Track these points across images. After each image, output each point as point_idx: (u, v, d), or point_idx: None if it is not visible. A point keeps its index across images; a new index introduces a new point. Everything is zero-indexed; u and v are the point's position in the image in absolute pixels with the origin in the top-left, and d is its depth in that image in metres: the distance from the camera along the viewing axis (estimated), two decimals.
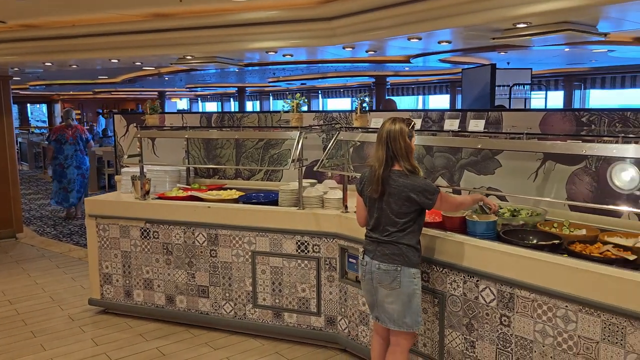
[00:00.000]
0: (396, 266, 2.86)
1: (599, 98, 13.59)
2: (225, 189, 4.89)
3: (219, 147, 5.33)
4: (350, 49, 4.38)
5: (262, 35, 4.51)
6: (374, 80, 14.05)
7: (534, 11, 2.86)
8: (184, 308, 4.45)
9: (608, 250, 2.75)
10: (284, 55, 4.97)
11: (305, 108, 4.37)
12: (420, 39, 3.93)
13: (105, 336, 4.33)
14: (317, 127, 4.48)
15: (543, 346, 2.74)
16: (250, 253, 4.15)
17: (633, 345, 2.40)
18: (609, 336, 2.48)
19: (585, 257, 2.72)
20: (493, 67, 7.89)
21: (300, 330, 4.12)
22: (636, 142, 2.91)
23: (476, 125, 3.14)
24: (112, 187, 10.61)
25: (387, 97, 13.83)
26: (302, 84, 17.10)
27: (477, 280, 3.01)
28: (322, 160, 3.97)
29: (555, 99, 13.36)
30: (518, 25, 3.20)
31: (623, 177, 3.32)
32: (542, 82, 11.66)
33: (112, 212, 4.61)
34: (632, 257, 2.63)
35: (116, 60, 5.94)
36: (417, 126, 3.36)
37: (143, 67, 9.00)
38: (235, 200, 4.51)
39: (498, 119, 3.92)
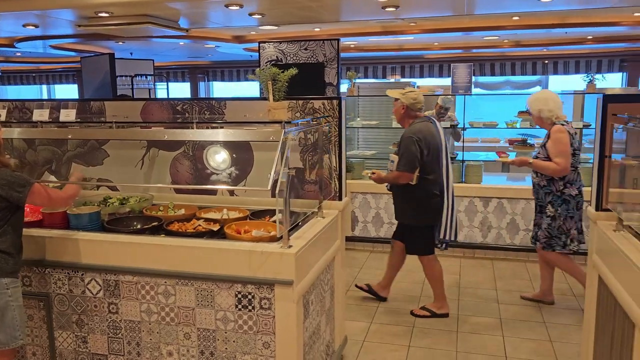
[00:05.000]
0: None
1: (222, 89, 15.02)
2: None
3: None
4: None
5: None
6: None
7: (113, 1, 2.91)
8: None
9: (200, 225, 3.07)
10: None
11: None
12: None
13: None
14: None
15: (150, 324, 2.88)
16: None
17: (220, 304, 2.75)
18: (202, 301, 2.78)
19: (180, 234, 2.98)
20: (111, 56, 7.77)
21: None
22: (222, 127, 3.32)
23: (67, 115, 3.02)
24: None
25: None
26: None
27: (83, 274, 2.94)
28: None
29: (183, 90, 14.13)
30: (100, 14, 3.21)
31: (217, 159, 3.76)
32: (164, 73, 12.13)
33: None
34: (216, 228, 3.01)
35: None
36: (2, 117, 3.04)
37: None
38: None
39: (101, 109, 3.88)
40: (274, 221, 3.15)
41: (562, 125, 4.20)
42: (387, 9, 4.90)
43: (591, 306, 3.17)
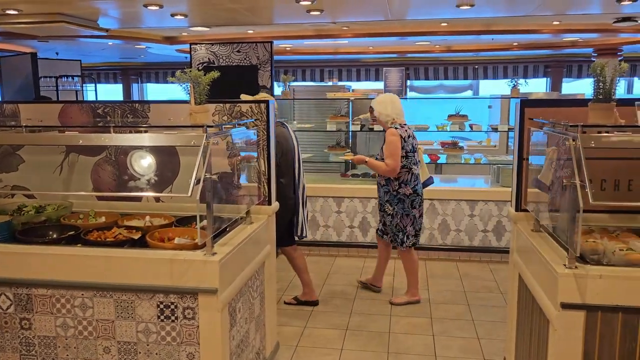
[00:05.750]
0: None
1: (157, 91, 14.63)
2: None
3: None
4: None
5: None
6: None
7: None
8: None
9: (120, 234, 2.94)
10: None
11: None
12: None
13: None
14: None
15: (66, 339, 2.72)
16: None
17: (142, 316, 2.64)
18: (122, 313, 2.66)
19: (99, 244, 2.84)
20: (33, 56, 7.37)
21: None
22: (146, 131, 3.19)
23: None
24: None
25: None
26: None
27: None
28: None
29: (115, 92, 13.64)
30: (8, 12, 3.01)
31: (141, 164, 3.62)
32: (93, 74, 11.68)
33: None
34: (137, 236, 2.89)
35: None
36: None
37: None
38: None
39: (15, 112, 3.65)
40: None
41: (396, 129, 4.49)
42: (312, 13, 4.93)
43: (513, 303, 3.29)
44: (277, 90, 6.75)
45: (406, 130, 4.55)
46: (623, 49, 9.36)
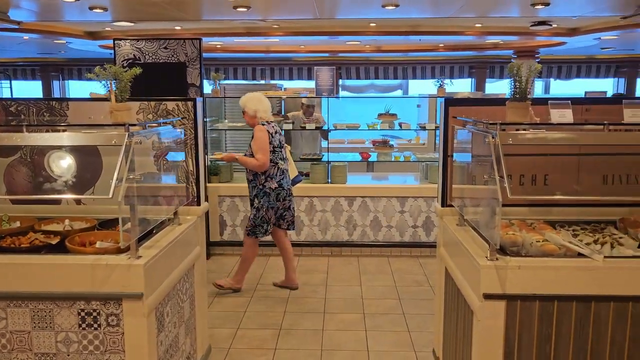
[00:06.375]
0: None
1: (80, 89, 13.96)
2: None
3: None
4: None
5: None
6: None
7: None
8: None
9: (36, 239, 2.77)
10: None
11: None
12: None
13: None
14: None
15: None
16: None
17: (61, 325, 2.50)
18: (39, 323, 2.51)
19: (12, 250, 2.66)
20: None
21: None
22: (64, 130, 3.02)
23: None
24: None
25: None
26: None
27: None
28: None
29: (34, 89, 12.89)
30: None
31: (60, 165, 3.42)
32: (8, 70, 10.98)
33: None
34: (55, 241, 2.73)
35: None
36: None
37: None
38: None
39: None
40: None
41: (263, 125, 4.65)
42: (239, 9, 4.86)
43: (440, 296, 3.39)
44: (207, 88, 6.61)
45: (273, 127, 4.70)
46: (540, 52, 9.91)
